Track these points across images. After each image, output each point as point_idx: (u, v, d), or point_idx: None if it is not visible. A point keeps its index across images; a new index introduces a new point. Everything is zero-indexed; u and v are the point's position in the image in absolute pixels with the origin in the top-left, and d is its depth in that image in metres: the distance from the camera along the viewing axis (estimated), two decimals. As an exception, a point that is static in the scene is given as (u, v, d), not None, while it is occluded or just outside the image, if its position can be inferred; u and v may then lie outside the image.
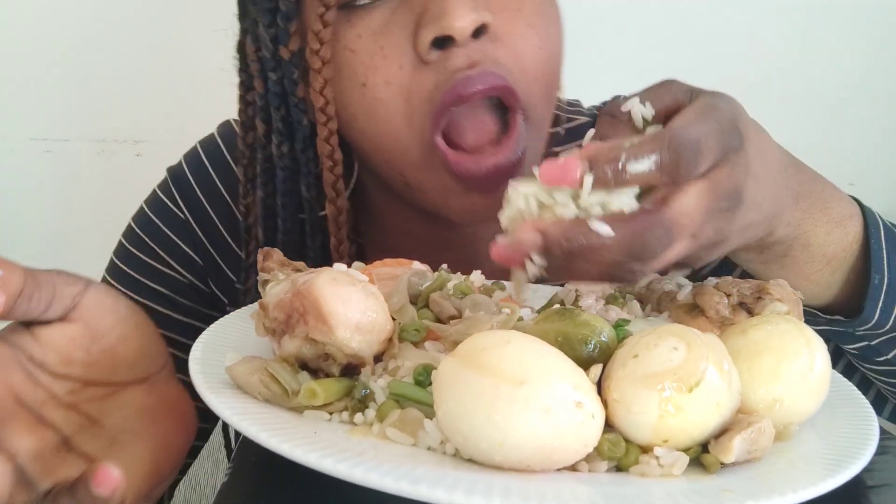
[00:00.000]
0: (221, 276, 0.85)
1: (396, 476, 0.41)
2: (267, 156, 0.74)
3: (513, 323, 0.54)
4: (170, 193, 0.85)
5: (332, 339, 0.51)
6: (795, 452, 0.49)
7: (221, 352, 0.56)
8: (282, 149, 0.72)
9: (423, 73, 0.64)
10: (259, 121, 0.73)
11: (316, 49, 0.66)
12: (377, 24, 0.65)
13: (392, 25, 0.64)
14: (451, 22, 0.61)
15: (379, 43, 0.64)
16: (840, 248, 0.66)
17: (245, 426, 0.46)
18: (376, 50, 0.64)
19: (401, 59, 0.64)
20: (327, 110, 0.68)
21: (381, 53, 0.64)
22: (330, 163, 0.71)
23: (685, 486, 0.44)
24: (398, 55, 0.64)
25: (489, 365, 0.44)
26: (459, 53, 0.62)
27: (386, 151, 0.67)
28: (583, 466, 0.46)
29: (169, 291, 0.84)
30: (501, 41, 0.64)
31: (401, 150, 0.66)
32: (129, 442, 0.53)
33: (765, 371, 0.50)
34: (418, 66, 0.64)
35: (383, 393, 0.50)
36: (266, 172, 0.75)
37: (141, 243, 0.85)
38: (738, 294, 0.59)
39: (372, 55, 0.64)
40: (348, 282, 0.52)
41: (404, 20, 0.64)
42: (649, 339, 0.47)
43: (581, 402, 0.44)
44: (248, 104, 0.75)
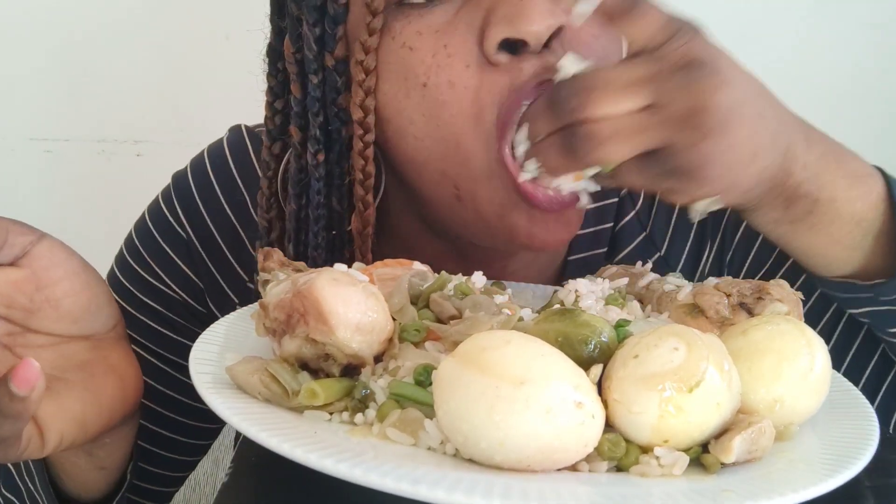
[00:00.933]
0: (222, 296, 0.82)
1: (396, 476, 0.41)
2: (301, 166, 0.70)
3: (513, 323, 0.54)
4: (172, 207, 0.82)
5: (332, 339, 0.51)
6: (795, 453, 0.49)
7: (221, 352, 0.56)
8: (318, 158, 0.68)
9: (491, 76, 0.60)
10: (294, 127, 0.70)
11: (360, 59, 0.63)
12: (439, 22, 0.61)
13: (457, 22, 0.61)
14: (527, 26, 0.58)
15: (442, 41, 0.61)
16: (867, 207, 0.62)
17: (245, 426, 0.46)
18: (440, 48, 0.61)
19: (467, 59, 0.60)
20: (366, 123, 0.65)
21: (445, 52, 0.60)
22: (361, 176, 0.68)
23: (685, 487, 0.44)
24: (464, 54, 0.60)
25: (490, 365, 0.44)
26: (531, 59, 0.60)
27: (444, 159, 0.63)
28: (583, 466, 0.46)
29: (162, 308, 0.82)
30: (572, 47, 0.60)
31: (462, 157, 0.63)
32: (59, 390, 0.55)
33: (765, 371, 0.50)
34: (486, 67, 0.60)
35: (383, 393, 0.50)
36: (299, 184, 0.71)
37: (139, 257, 0.83)
38: (739, 294, 0.59)
39: (435, 53, 0.61)
40: (349, 282, 0.52)
41: (470, 17, 0.60)
42: (650, 340, 0.47)
43: (581, 403, 0.44)
44: (276, 112, 0.72)
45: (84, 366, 0.58)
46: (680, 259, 0.81)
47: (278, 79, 0.71)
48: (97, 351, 0.59)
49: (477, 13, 0.60)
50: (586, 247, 0.79)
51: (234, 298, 0.81)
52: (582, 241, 0.79)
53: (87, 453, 0.64)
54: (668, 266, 0.80)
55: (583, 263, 0.79)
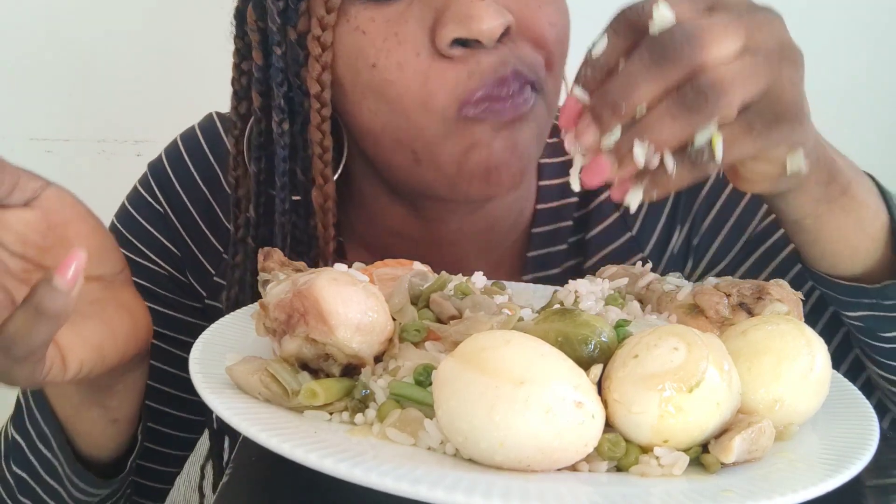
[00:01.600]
0: (199, 268, 0.85)
1: (396, 476, 0.41)
2: (261, 130, 0.74)
3: (513, 323, 0.54)
4: (148, 187, 0.86)
5: (332, 339, 0.51)
6: (795, 453, 0.49)
7: (221, 352, 0.56)
8: (283, 126, 0.72)
9: (443, 66, 0.64)
10: (255, 93, 0.73)
11: (318, 35, 0.66)
12: (392, 13, 0.65)
13: (408, 15, 0.65)
14: (479, 26, 0.61)
15: (393, 29, 0.65)
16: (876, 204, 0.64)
17: (245, 426, 0.46)
18: (390, 35, 0.65)
19: (418, 48, 0.64)
20: (322, 97, 0.69)
21: (396, 39, 0.65)
22: (319, 149, 0.71)
23: (685, 486, 0.44)
24: (415, 43, 0.64)
25: (489, 365, 0.44)
26: (486, 54, 0.63)
27: (397, 129, 0.68)
28: (583, 466, 0.46)
29: (150, 284, 0.84)
30: (523, 34, 0.65)
31: (416, 127, 0.66)
32: (76, 321, 0.57)
33: (765, 371, 0.50)
34: (437, 57, 0.64)
35: (383, 393, 0.50)
36: (261, 148, 0.74)
37: (121, 238, 0.85)
38: (738, 294, 0.59)
39: (385, 38, 0.65)
40: (349, 282, 0.52)
41: (421, 13, 0.65)
42: (649, 340, 0.47)
43: (581, 402, 0.44)
44: (242, 73, 0.75)
45: (97, 302, 0.61)
46: (651, 240, 0.83)
47: (245, 41, 0.73)
48: (108, 291, 0.62)
49: (427, 11, 0.64)
50: (551, 220, 0.83)
51: (211, 270, 0.84)
52: (547, 214, 0.83)
53: (99, 405, 0.67)
54: (638, 246, 0.83)
55: (548, 236, 0.83)
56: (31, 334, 0.51)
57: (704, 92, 0.47)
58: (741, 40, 0.48)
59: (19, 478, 0.72)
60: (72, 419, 0.69)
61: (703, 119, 0.47)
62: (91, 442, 0.70)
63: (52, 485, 0.71)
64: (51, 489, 0.72)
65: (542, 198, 0.83)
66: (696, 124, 0.48)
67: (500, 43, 0.64)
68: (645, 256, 0.83)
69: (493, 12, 0.62)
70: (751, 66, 0.48)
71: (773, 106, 0.50)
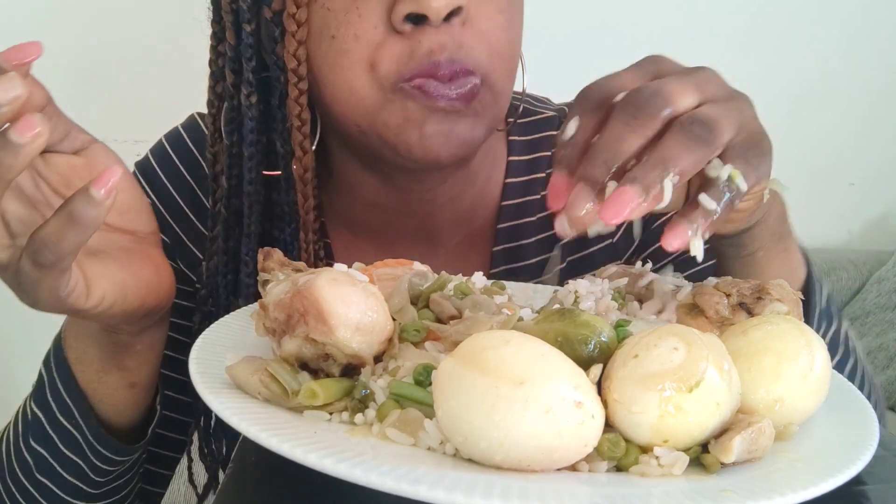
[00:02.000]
0: (188, 255, 0.88)
1: (396, 476, 0.41)
2: (234, 105, 0.78)
3: (513, 323, 0.54)
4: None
5: (332, 339, 0.51)
6: (795, 452, 0.49)
7: (221, 352, 0.56)
8: (251, 99, 0.76)
9: (394, 39, 0.69)
10: (228, 71, 0.77)
11: (293, 13, 0.71)
12: None
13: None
14: (429, 2, 0.66)
15: (355, 4, 0.69)
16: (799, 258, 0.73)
17: (245, 426, 0.46)
18: (352, 9, 0.69)
19: (375, 21, 0.69)
20: (299, 71, 0.73)
21: (357, 12, 0.69)
22: (298, 122, 0.75)
23: (685, 486, 0.44)
24: (372, 17, 0.69)
25: (489, 365, 0.44)
26: (431, 33, 0.68)
27: (343, 102, 0.72)
28: (583, 466, 0.46)
29: None
30: (472, 24, 0.70)
31: (358, 97, 0.71)
32: (104, 259, 0.63)
33: (765, 371, 0.50)
34: (391, 32, 0.69)
35: (383, 393, 0.50)
36: (232, 122, 0.78)
37: None
38: (738, 294, 0.59)
39: (347, 12, 0.69)
40: (349, 282, 0.52)
41: None
42: (649, 340, 0.47)
43: (581, 402, 0.44)
44: (219, 55, 0.79)
45: (126, 251, 0.66)
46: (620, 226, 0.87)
47: (220, 24, 0.78)
48: (138, 245, 0.68)
49: None
50: (520, 194, 0.88)
51: (200, 256, 0.87)
52: (516, 188, 0.88)
53: (119, 368, 0.72)
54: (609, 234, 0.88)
55: (518, 208, 0.88)
56: (61, 241, 0.54)
57: (704, 123, 0.51)
58: (697, 94, 0.53)
59: (38, 455, 0.74)
60: (93, 384, 0.73)
61: (711, 148, 0.51)
62: (112, 407, 0.74)
63: (72, 459, 0.74)
64: (71, 464, 0.74)
65: (511, 172, 0.89)
66: (707, 154, 0.51)
67: (447, 23, 0.68)
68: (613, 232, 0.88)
69: None
70: (718, 110, 0.52)
71: (753, 139, 0.54)
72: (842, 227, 2.49)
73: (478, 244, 0.88)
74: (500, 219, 0.88)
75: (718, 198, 0.52)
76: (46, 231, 0.54)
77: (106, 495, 0.77)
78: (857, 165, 2.42)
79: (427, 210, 0.85)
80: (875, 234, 2.49)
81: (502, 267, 0.88)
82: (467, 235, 0.88)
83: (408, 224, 0.85)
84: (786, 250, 0.70)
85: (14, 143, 0.52)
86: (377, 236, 0.88)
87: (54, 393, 0.73)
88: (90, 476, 0.75)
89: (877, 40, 2.02)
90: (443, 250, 0.88)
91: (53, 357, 0.74)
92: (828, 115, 2.24)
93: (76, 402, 0.72)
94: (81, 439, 0.73)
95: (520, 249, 0.88)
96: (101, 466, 0.75)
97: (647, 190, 0.50)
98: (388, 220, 0.85)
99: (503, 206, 0.88)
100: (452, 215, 0.86)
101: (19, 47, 0.55)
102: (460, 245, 0.89)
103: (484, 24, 0.70)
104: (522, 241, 0.88)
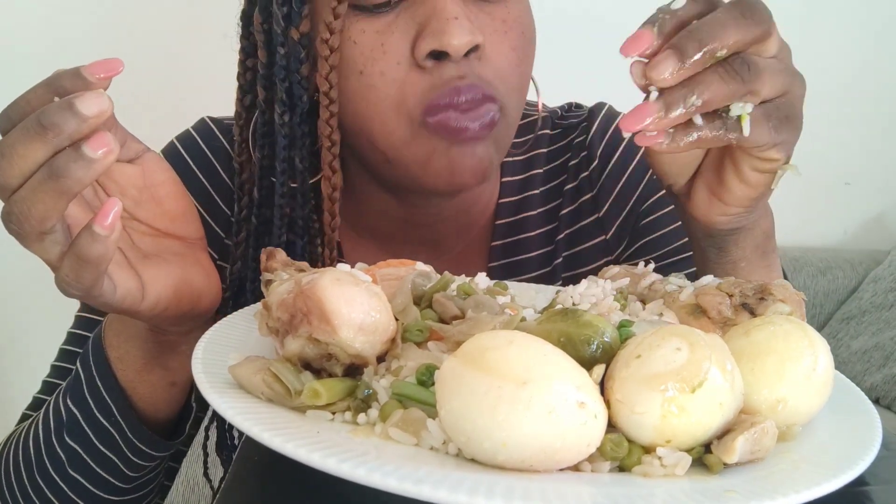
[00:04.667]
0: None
1: (399, 476, 0.41)
2: (265, 121, 0.81)
3: (516, 323, 0.54)
4: None
5: (335, 339, 0.51)
6: (798, 453, 0.49)
7: (224, 352, 0.56)
8: (284, 118, 0.79)
9: (418, 75, 0.73)
10: (260, 87, 0.80)
11: (326, 38, 0.73)
12: (381, 25, 0.73)
13: (394, 28, 0.73)
14: (450, 40, 0.70)
15: (380, 40, 0.73)
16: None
17: (248, 426, 0.46)
18: (377, 45, 0.73)
19: (399, 58, 0.72)
20: (331, 94, 0.75)
21: (382, 49, 0.73)
22: (329, 143, 0.78)
23: (688, 487, 0.44)
24: (397, 54, 0.72)
25: (492, 365, 0.44)
26: (452, 67, 0.72)
27: (371, 132, 0.76)
28: (585, 466, 0.46)
29: None
30: (488, 59, 0.74)
31: (387, 130, 0.75)
32: (158, 263, 0.66)
33: (768, 372, 0.50)
34: (414, 67, 0.73)
35: (386, 393, 0.50)
36: (265, 136, 0.81)
37: None
38: (741, 295, 0.59)
39: (373, 48, 0.73)
40: (352, 282, 0.53)
41: (406, 26, 0.72)
42: (652, 340, 0.47)
43: (584, 403, 0.44)
44: (247, 69, 0.82)
45: (178, 255, 0.69)
46: (613, 224, 0.92)
47: (250, 41, 0.81)
48: (188, 249, 0.70)
49: (412, 24, 0.72)
50: (512, 213, 0.92)
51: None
52: (508, 208, 0.92)
53: (162, 367, 0.74)
54: (602, 228, 0.92)
55: (511, 226, 0.92)
56: (78, 279, 0.57)
57: (750, 65, 0.55)
58: (777, 46, 0.58)
59: (72, 451, 0.75)
60: (133, 383, 0.74)
61: (744, 88, 0.55)
62: (150, 405, 0.76)
63: (107, 455, 0.75)
64: (105, 460, 0.75)
65: (503, 193, 0.92)
66: (738, 91, 0.55)
67: (466, 58, 0.72)
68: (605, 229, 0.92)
69: (465, 31, 0.70)
70: (781, 67, 0.57)
71: (785, 108, 0.58)
72: (838, 226, 2.49)
73: (477, 254, 0.92)
74: (493, 236, 0.92)
75: (711, 121, 0.56)
76: (63, 272, 0.57)
77: (135, 490, 0.79)
78: (853, 165, 2.42)
79: (432, 221, 0.88)
80: (871, 233, 2.49)
81: (501, 261, 0.92)
82: (469, 242, 0.92)
83: (414, 233, 0.89)
84: (768, 267, 0.72)
85: (88, 158, 0.54)
86: (382, 241, 0.90)
87: (92, 391, 0.74)
88: (124, 472, 0.76)
89: (873, 40, 2.03)
90: (446, 256, 0.91)
91: (93, 355, 0.75)
92: (824, 114, 2.24)
93: (115, 399, 0.74)
94: (118, 436, 0.74)
95: (520, 264, 0.92)
96: (136, 462, 0.76)
97: (669, 106, 0.54)
98: (394, 228, 0.89)
99: (497, 225, 0.92)
100: (456, 226, 0.90)
101: (104, 62, 0.57)
102: (462, 251, 0.92)
103: (499, 61, 0.75)
104: (521, 256, 0.92)
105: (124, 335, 0.74)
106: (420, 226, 0.89)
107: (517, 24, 0.76)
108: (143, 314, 0.65)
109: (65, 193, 0.54)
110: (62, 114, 0.54)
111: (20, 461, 0.78)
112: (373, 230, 0.90)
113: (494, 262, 0.91)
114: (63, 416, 0.76)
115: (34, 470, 0.77)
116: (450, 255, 0.91)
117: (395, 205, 0.86)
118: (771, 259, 0.72)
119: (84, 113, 0.53)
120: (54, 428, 0.76)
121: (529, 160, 0.93)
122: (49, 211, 0.55)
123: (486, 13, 0.74)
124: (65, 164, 0.54)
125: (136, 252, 0.66)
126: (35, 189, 0.54)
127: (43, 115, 0.54)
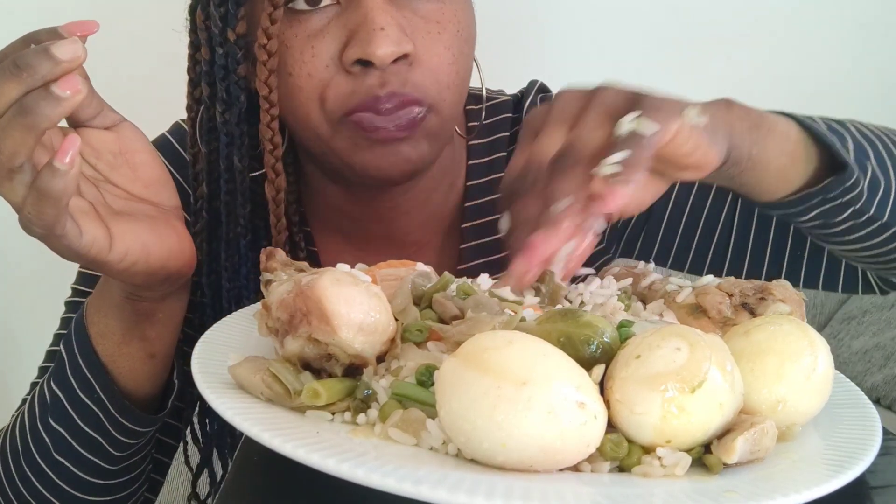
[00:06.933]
0: None
1: (399, 476, 0.41)
2: (210, 116, 0.83)
3: (515, 323, 0.54)
4: None
5: (335, 339, 0.51)
6: (798, 453, 0.49)
7: (223, 352, 0.56)
8: (224, 116, 0.80)
9: (343, 78, 0.75)
10: (204, 84, 0.82)
11: (263, 43, 0.75)
12: (312, 29, 0.75)
13: (325, 33, 0.75)
14: (374, 51, 0.71)
15: (311, 44, 0.75)
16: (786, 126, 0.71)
17: (247, 426, 0.46)
18: (307, 49, 0.75)
19: (327, 61, 0.75)
20: (270, 98, 0.77)
21: (311, 52, 0.75)
22: (270, 146, 0.79)
23: (688, 487, 0.44)
24: (325, 57, 0.75)
25: (492, 365, 0.44)
26: (376, 75, 0.74)
27: (303, 129, 0.79)
28: (585, 467, 0.46)
29: None
30: (420, 62, 0.75)
31: (312, 126, 0.78)
32: (129, 219, 0.68)
33: (768, 372, 0.50)
34: (340, 71, 0.75)
35: (386, 393, 0.50)
36: (210, 132, 0.83)
37: None
38: (741, 295, 0.59)
39: (302, 52, 0.75)
40: (351, 282, 0.52)
41: (336, 32, 0.75)
42: (652, 340, 0.47)
43: (583, 403, 0.44)
44: (196, 62, 0.83)
45: (151, 217, 0.71)
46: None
47: (197, 35, 0.82)
48: (162, 214, 0.72)
49: (343, 31, 0.74)
50: (482, 194, 0.92)
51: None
52: (477, 189, 0.92)
53: (140, 338, 0.75)
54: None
55: (481, 208, 0.91)
56: (41, 215, 0.59)
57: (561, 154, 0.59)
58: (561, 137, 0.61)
59: (57, 435, 0.76)
60: (114, 357, 0.75)
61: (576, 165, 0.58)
62: (132, 381, 0.76)
63: (91, 436, 0.76)
64: (90, 441, 0.76)
65: (471, 175, 0.92)
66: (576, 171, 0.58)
67: (395, 64, 0.73)
68: None
69: (390, 42, 0.72)
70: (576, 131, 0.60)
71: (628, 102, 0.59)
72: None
73: (447, 242, 0.93)
74: (464, 219, 0.92)
75: (628, 146, 0.57)
76: (27, 209, 0.59)
77: (122, 472, 0.79)
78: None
79: (392, 216, 0.89)
80: (873, 233, 2.48)
81: (473, 262, 0.91)
82: (436, 234, 0.93)
83: (377, 229, 0.90)
84: (769, 130, 0.69)
85: (56, 96, 0.56)
86: (349, 236, 0.92)
87: (75, 370, 0.75)
88: (109, 451, 0.76)
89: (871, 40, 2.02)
90: (413, 249, 0.91)
91: (75, 335, 0.76)
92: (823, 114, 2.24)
93: (97, 375, 0.75)
94: (102, 413, 0.75)
95: (488, 245, 0.92)
96: (121, 440, 0.76)
97: (548, 227, 0.58)
98: (357, 225, 0.90)
99: (466, 207, 0.92)
100: (419, 218, 0.91)
101: (81, 22, 0.61)
102: (430, 244, 0.93)
103: (432, 62, 0.76)
104: (490, 237, 0.91)
105: (103, 310, 0.75)
106: (380, 220, 0.90)
107: (451, 24, 0.77)
108: (112, 266, 0.66)
109: (33, 129, 0.57)
110: (37, 56, 0.57)
111: (7, 450, 0.79)
112: (339, 226, 0.91)
113: (467, 244, 0.91)
114: (47, 399, 0.76)
115: (20, 457, 0.77)
116: (420, 245, 0.92)
117: (350, 200, 0.88)
118: (763, 121, 0.69)
119: (58, 56, 0.56)
120: (39, 413, 0.77)
121: (493, 143, 0.94)
122: (18, 146, 0.57)
123: (419, 16, 0.76)
124: (34, 101, 0.57)
125: (107, 209, 0.68)
126: (5, 126, 0.57)
127: (19, 58, 0.57)
